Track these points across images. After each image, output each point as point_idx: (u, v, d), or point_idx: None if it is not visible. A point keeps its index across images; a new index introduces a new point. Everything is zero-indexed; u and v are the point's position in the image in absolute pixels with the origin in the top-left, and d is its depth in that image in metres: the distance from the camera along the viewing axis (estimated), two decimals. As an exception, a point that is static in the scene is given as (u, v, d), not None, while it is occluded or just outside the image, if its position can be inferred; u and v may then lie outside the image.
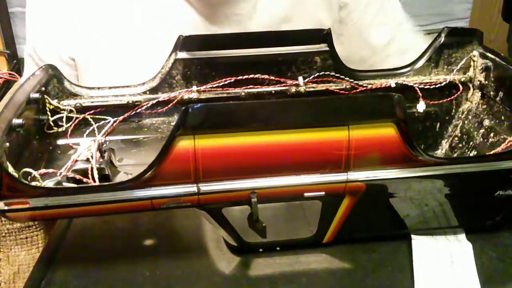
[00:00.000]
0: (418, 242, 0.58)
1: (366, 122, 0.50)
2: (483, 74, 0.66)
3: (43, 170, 0.53)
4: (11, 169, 0.47)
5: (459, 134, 0.69)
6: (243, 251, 0.59)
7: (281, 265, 0.57)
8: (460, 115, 0.70)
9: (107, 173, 0.55)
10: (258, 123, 0.49)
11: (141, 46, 0.82)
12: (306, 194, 0.52)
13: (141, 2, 0.81)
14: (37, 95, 0.58)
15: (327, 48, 0.65)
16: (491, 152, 0.60)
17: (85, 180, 0.53)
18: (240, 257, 0.59)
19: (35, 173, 0.51)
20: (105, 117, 0.64)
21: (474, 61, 0.67)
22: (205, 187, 0.50)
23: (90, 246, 0.61)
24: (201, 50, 0.63)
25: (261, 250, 0.59)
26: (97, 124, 0.63)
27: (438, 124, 0.71)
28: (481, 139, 0.65)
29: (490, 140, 0.64)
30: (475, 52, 0.67)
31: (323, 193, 0.52)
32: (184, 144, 0.48)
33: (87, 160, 0.55)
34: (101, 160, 0.55)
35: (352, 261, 0.58)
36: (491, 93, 0.65)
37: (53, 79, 0.62)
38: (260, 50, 0.64)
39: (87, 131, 0.63)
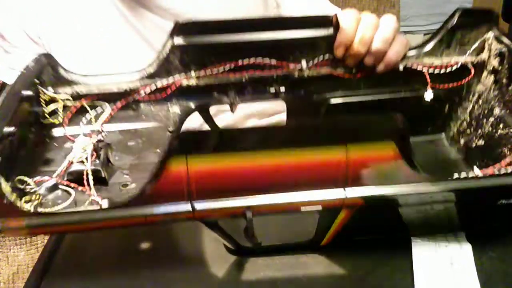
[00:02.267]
0: (418, 244, 0.58)
1: (366, 143, 0.48)
2: (497, 60, 0.63)
3: (38, 178, 0.51)
4: (4, 185, 0.46)
5: (468, 119, 0.67)
6: (241, 254, 0.59)
7: (281, 266, 0.57)
8: (470, 98, 0.67)
9: (103, 175, 0.53)
10: (252, 148, 0.47)
11: (141, 46, 0.82)
12: (302, 209, 0.51)
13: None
14: (29, 92, 0.56)
15: (332, 33, 0.62)
16: (492, 169, 0.58)
17: (80, 188, 0.52)
18: (239, 260, 0.58)
19: (29, 180, 0.50)
20: (102, 103, 0.62)
21: (488, 44, 0.64)
22: (199, 205, 0.49)
23: (89, 245, 0.61)
24: (199, 35, 0.61)
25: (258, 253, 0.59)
26: (94, 114, 0.61)
27: (447, 106, 0.69)
28: (490, 129, 0.63)
29: (499, 131, 0.62)
30: (490, 34, 0.64)
31: (319, 207, 0.51)
32: (177, 165, 0.46)
33: (83, 162, 0.54)
34: (96, 161, 0.54)
35: (351, 262, 0.57)
36: (504, 80, 0.63)
37: (47, 67, 0.61)
38: (262, 35, 0.62)
39: (84, 120, 0.61)
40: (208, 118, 0.67)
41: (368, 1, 1.69)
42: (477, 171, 0.57)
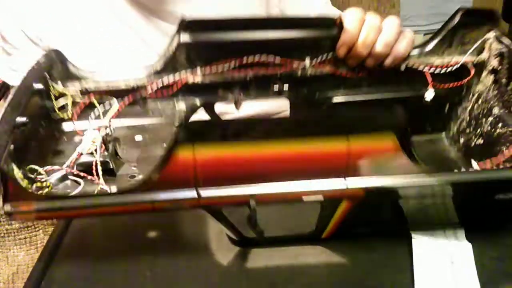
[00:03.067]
0: (418, 242, 0.58)
1: (367, 134, 0.49)
2: (497, 60, 0.64)
3: (48, 167, 0.53)
4: (16, 171, 0.48)
5: (468, 118, 0.68)
6: (244, 245, 0.59)
7: (281, 267, 0.57)
8: (470, 97, 0.68)
9: (111, 167, 0.55)
10: (256, 139, 0.49)
11: (141, 47, 0.82)
12: (304, 198, 0.52)
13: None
14: (40, 86, 0.58)
15: (336, 33, 0.62)
16: (490, 163, 0.59)
17: (89, 177, 0.54)
18: (241, 250, 0.59)
19: (40, 169, 0.51)
20: (110, 98, 0.63)
21: (489, 44, 0.65)
22: (205, 192, 0.50)
23: (89, 245, 0.61)
24: (205, 33, 0.62)
25: (261, 245, 0.59)
26: (102, 110, 0.63)
27: (447, 106, 0.69)
28: (489, 128, 0.63)
29: (498, 130, 0.62)
30: (491, 34, 0.65)
31: (321, 197, 0.52)
32: (184, 153, 0.48)
33: (92, 153, 0.55)
34: (105, 153, 0.56)
35: (352, 261, 0.58)
36: (503, 80, 0.63)
37: (57, 63, 0.62)
38: (267, 33, 0.63)
39: (93, 116, 0.63)
40: (213, 115, 0.68)
41: (368, 1, 1.69)
42: (474, 165, 0.56)
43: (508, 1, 1.80)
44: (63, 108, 0.62)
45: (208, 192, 0.50)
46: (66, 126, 0.62)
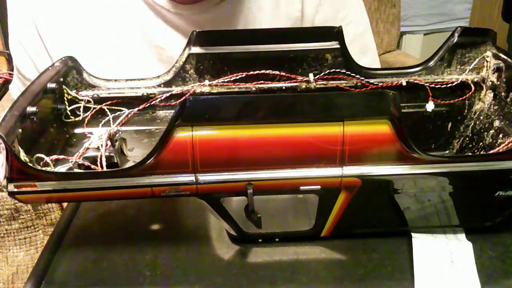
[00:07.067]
0: (419, 241, 0.58)
1: (361, 119, 0.50)
2: (495, 75, 0.66)
3: (54, 156, 0.54)
4: (22, 154, 0.50)
5: (470, 135, 0.69)
6: (244, 241, 0.60)
7: (281, 265, 0.57)
8: (472, 115, 0.69)
9: (115, 161, 0.57)
10: (253, 117, 0.50)
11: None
12: (302, 188, 0.53)
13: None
14: (54, 85, 0.60)
15: (338, 46, 0.65)
16: (490, 152, 0.60)
17: (93, 167, 0.55)
18: (241, 249, 0.59)
19: (46, 158, 0.53)
20: (120, 108, 0.66)
21: (487, 61, 0.67)
22: (202, 177, 0.51)
23: (89, 246, 0.61)
24: (214, 45, 0.65)
25: (260, 240, 0.60)
26: (113, 115, 0.65)
27: (450, 124, 0.71)
28: (491, 140, 0.65)
29: (499, 141, 0.63)
30: (488, 53, 0.67)
31: (318, 187, 0.53)
32: (183, 134, 0.49)
33: (98, 148, 0.57)
34: (111, 148, 0.57)
35: (352, 261, 0.58)
36: (502, 94, 0.65)
37: (72, 70, 0.65)
38: (272, 46, 0.65)
39: (103, 121, 0.65)
40: None
41: (369, 1, 1.69)
42: None
43: (508, 1, 1.80)
44: (74, 113, 0.64)
45: (205, 178, 0.51)
46: (76, 130, 0.65)
